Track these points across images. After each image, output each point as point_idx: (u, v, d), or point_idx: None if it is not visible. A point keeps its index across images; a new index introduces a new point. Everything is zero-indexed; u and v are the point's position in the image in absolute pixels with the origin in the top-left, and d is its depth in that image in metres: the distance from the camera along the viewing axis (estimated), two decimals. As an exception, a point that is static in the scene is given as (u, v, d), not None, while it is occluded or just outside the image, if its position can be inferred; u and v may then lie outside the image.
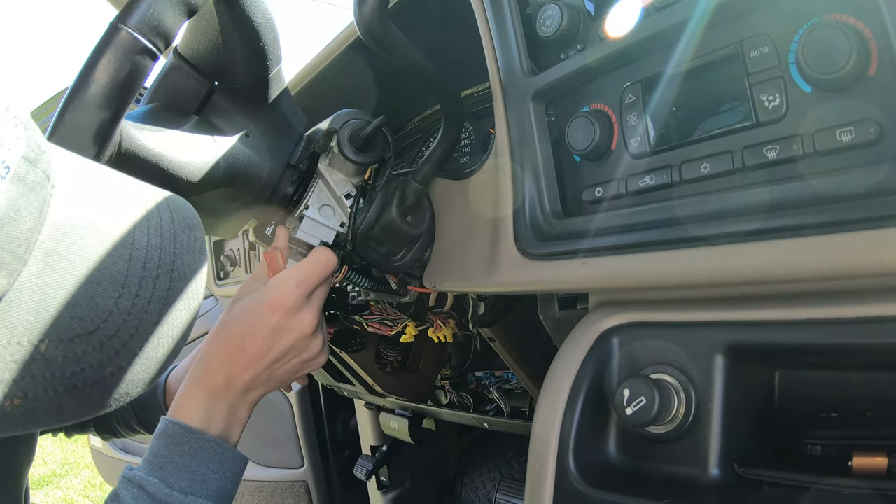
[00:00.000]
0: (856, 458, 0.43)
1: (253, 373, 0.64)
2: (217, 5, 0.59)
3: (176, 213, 0.41)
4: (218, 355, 0.65)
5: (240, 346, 0.64)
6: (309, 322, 0.66)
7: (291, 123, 0.73)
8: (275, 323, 0.64)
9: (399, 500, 1.45)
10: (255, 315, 0.64)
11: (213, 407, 0.63)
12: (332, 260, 0.68)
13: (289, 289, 0.65)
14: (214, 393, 0.63)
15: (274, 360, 0.65)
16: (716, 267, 0.45)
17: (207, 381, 0.64)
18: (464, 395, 1.10)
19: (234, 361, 0.64)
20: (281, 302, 0.64)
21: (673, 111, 0.51)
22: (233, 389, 0.64)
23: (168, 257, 0.37)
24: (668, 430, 0.48)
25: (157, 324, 0.36)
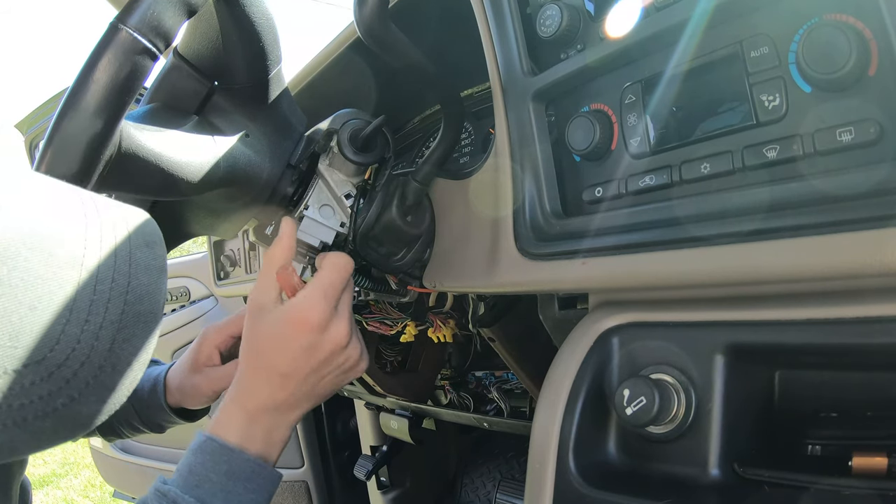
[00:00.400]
0: (856, 458, 0.43)
1: (290, 392, 0.63)
2: (217, 5, 0.59)
3: (132, 224, 0.38)
4: (253, 377, 0.64)
5: (273, 367, 0.63)
6: (343, 333, 0.64)
7: (291, 123, 0.73)
8: (308, 342, 0.62)
9: (399, 500, 1.45)
10: (284, 336, 0.63)
11: (252, 427, 0.62)
12: (350, 262, 0.66)
13: (316, 303, 0.62)
14: (253, 414, 0.62)
15: (312, 377, 0.64)
16: (716, 267, 0.45)
17: (246, 402, 0.63)
18: (464, 395, 1.11)
19: (269, 383, 0.63)
20: (310, 319, 0.62)
21: (673, 111, 0.51)
22: (271, 411, 0.63)
23: (122, 278, 0.35)
24: (668, 430, 0.48)
25: (109, 350, 0.34)
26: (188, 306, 1.93)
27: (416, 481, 1.48)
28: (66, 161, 0.46)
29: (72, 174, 0.47)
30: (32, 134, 1.10)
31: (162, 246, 0.41)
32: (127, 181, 0.56)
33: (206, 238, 1.50)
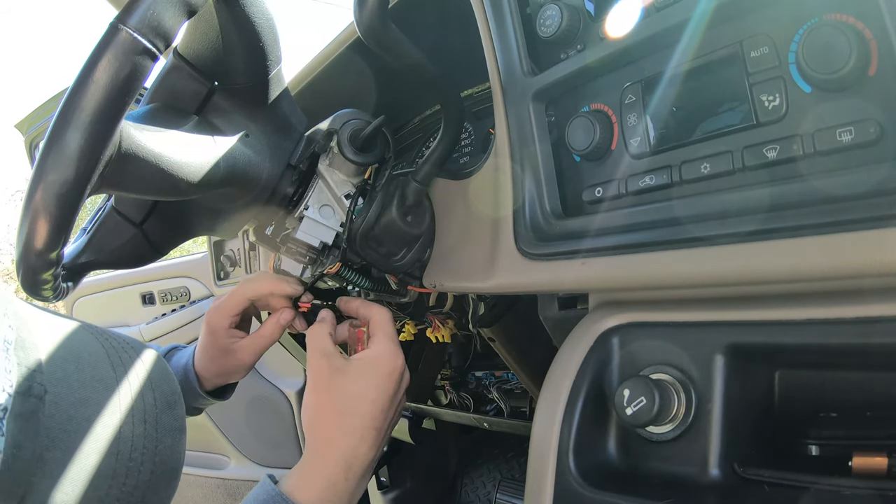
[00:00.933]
0: (856, 458, 0.43)
1: (378, 448, 0.63)
2: (217, 5, 0.59)
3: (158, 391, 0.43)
4: (339, 442, 0.62)
5: (370, 424, 0.62)
6: (408, 374, 0.68)
7: (291, 123, 0.73)
8: (395, 388, 0.65)
9: (399, 500, 1.45)
10: (378, 388, 0.63)
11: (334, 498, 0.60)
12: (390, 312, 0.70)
13: (399, 352, 0.66)
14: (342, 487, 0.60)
15: (394, 422, 0.66)
16: (716, 267, 0.45)
17: (329, 472, 0.61)
18: (464, 395, 1.11)
19: (363, 444, 0.62)
20: (399, 366, 0.65)
21: (673, 111, 0.51)
22: (359, 478, 0.62)
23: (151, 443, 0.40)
24: (668, 430, 0.48)
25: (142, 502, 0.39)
26: (188, 306, 1.93)
27: (416, 481, 1.48)
28: (66, 161, 0.46)
29: (72, 175, 0.47)
30: (32, 134, 1.10)
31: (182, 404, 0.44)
32: (127, 181, 0.56)
33: (206, 238, 1.50)
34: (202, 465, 1.90)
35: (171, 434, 0.42)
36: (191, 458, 1.94)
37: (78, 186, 0.47)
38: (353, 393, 0.63)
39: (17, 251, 0.50)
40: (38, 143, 1.10)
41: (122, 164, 0.53)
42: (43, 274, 0.51)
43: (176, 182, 0.58)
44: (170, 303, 2.01)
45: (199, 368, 0.82)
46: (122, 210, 0.70)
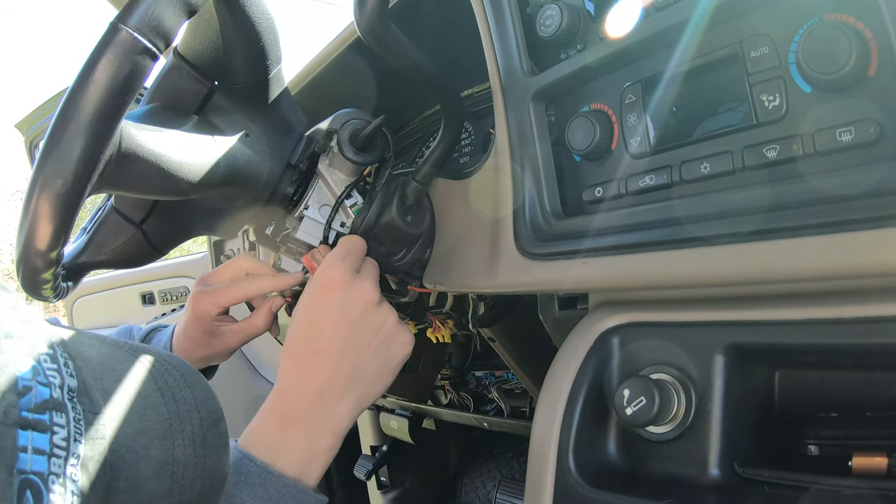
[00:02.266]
0: (856, 458, 0.43)
1: (329, 374, 0.57)
2: (217, 5, 0.59)
3: (203, 411, 0.44)
4: (289, 372, 0.58)
5: (309, 346, 0.58)
6: (370, 289, 0.60)
7: (291, 123, 0.73)
8: (336, 301, 0.58)
9: (399, 500, 1.45)
10: (313, 306, 0.59)
11: (288, 437, 0.56)
12: (362, 240, 0.65)
13: (335, 263, 0.60)
14: (289, 418, 0.56)
15: (352, 351, 0.58)
16: (716, 267, 0.45)
17: (280, 404, 0.57)
18: (464, 395, 1.11)
19: (304, 368, 0.57)
20: (333, 278, 0.59)
21: (673, 111, 0.51)
22: (310, 406, 0.56)
23: (200, 460, 0.43)
24: (668, 430, 0.48)
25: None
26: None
27: (416, 481, 1.47)
28: (66, 161, 0.46)
29: (72, 174, 0.47)
30: (32, 134, 1.10)
31: (224, 420, 0.46)
32: (127, 181, 0.56)
33: (206, 238, 1.50)
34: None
35: (217, 450, 0.44)
36: (191, 458, 1.93)
37: (78, 186, 0.47)
38: (297, 322, 0.60)
39: (17, 251, 0.50)
40: (38, 143, 1.10)
41: (122, 164, 0.53)
42: (43, 274, 0.51)
43: (176, 182, 0.58)
44: (170, 303, 2.01)
45: (178, 351, 0.81)
46: (122, 210, 0.70)
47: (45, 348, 0.37)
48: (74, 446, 0.35)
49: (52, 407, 0.34)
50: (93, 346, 0.42)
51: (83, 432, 0.36)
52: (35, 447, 0.32)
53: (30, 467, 0.32)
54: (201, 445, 0.43)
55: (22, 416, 0.32)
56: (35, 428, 0.33)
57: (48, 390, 0.35)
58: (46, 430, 0.33)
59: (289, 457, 0.55)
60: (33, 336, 0.37)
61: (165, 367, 0.45)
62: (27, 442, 0.32)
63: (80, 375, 0.38)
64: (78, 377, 0.38)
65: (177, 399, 0.44)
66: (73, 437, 0.35)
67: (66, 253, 0.58)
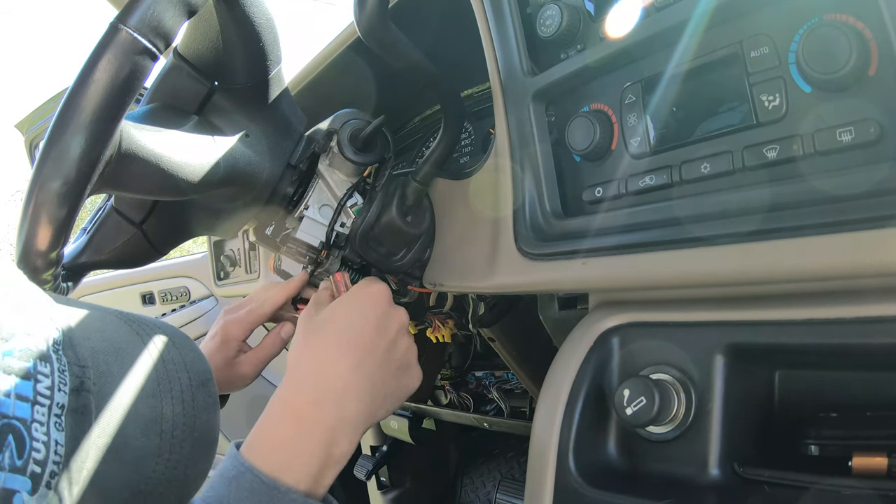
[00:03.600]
0: (856, 458, 0.43)
1: (353, 366, 0.54)
2: (217, 5, 0.59)
3: (192, 370, 0.44)
4: (307, 363, 0.55)
5: (343, 339, 0.55)
6: (405, 315, 0.61)
7: (291, 123, 0.73)
8: (380, 311, 0.58)
9: (399, 500, 1.45)
10: (356, 307, 0.58)
11: (304, 439, 0.51)
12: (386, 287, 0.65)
13: (380, 282, 0.63)
14: (307, 414, 0.52)
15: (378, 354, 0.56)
16: (716, 267, 0.45)
17: (296, 397, 0.53)
18: (464, 395, 1.11)
19: (335, 362, 0.54)
20: (381, 290, 0.61)
21: (673, 111, 0.51)
22: (330, 400, 0.53)
23: (189, 420, 0.42)
24: (668, 430, 0.48)
25: (184, 475, 0.42)
26: (188, 306, 1.93)
27: (416, 481, 1.47)
28: (66, 161, 0.46)
29: (72, 175, 0.47)
30: (32, 134, 1.10)
31: (213, 381, 0.45)
32: (127, 181, 0.56)
33: (206, 238, 1.50)
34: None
35: (206, 410, 0.44)
36: (191, 458, 1.93)
37: (78, 186, 0.47)
38: (327, 317, 0.58)
39: (18, 251, 0.50)
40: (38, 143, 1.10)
41: (122, 164, 0.53)
42: (43, 274, 0.51)
43: (176, 182, 0.58)
44: (170, 303, 2.01)
45: None
46: (122, 210, 0.70)
47: (31, 305, 0.37)
48: (59, 396, 0.34)
49: (37, 356, 0.34)
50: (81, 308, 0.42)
51: (67, 383, 0.35)
52: (18, 393, 0.32)
53: (12, 412, 0.31)
54: (190, 405, 0.43)
55: (5, 362, 0.32)
56: (19, 374, 0.33)
57: (32, 339, 0.34)
58: (30, 378, 0.33)
59: (302, 465, 0.51)
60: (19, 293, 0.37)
61: (153, 329, 0.45)
62: (10, 387, 0.32)
63: (66, 332, 0.38)
64: (64, 333, 0.38)
65: (164, 359, 0.44)
66: (58, 387, 0.35)
67: (66, 253, 0.58)
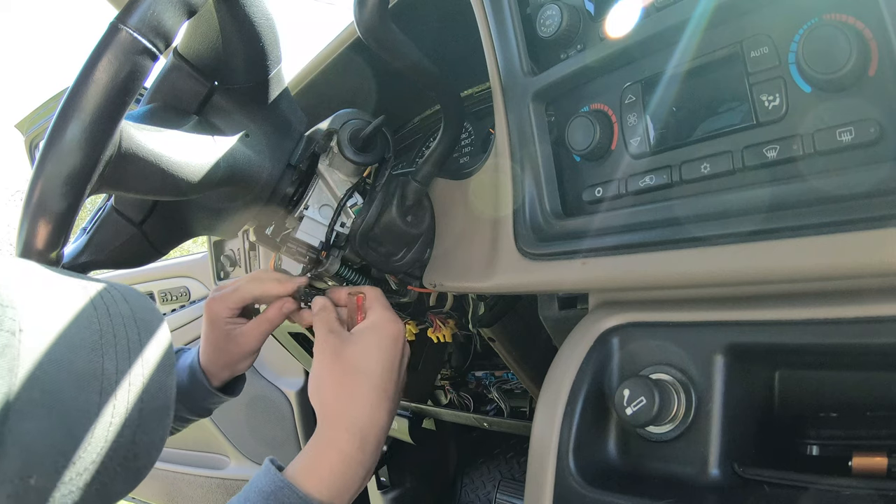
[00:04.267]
0: (856, 458, 0.43)
1: (391, 416, 0.62)
2: (217, 5, 0.59)
3: (143, 327, 0.42)
4: (351, 410, 0.60)
5: (381, 388, 0.62)
6: (407, 343, 0.67)
7: (291, 123, 0.73)
8: (399, 351, 0.65)
9: (399, 500, 1.45)
10: (383, 352, 0.63)
11: (348, 475, 0.57)
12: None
13: (395, 316, 0.66)
14: (357, 458, 0.58)
15: (397, 395, 0.64)
16: (716, 267, 0.45)
17: (343, 443, 0.58)
18: (464, 395, 1.11)
19: (377, 410, 0.60)
20: (400, 331, 0.65)
21: (673, 111, 0.51)
22: (374, 447, 0.60)
23: (137, 380, 0.40)
24: (667, 430, 0.48)
25: (132, 443, 0.39)
26: (188, 306, 1.93)
27: (416, 481, 1.48)
28: (66, 162, 0.46)
29: (72, 175, 0.47)
30: (32, 134, 1.11)
31: (169, 341, 0.44)
32: (127, 181, 0.56)
33: (206, 238, 1.50)
34: (202, 464, 1.90)
35: (159, 370, 0.41)
36: (190, 458, 1.94)
37: (78, 186, 0.47)
38: (360, 358, 0.62)
39: (17, 251, 0.50)
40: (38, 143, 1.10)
41: (122, 164, 0.53)
42: (43, 274, 0.51)
43: (176, 182, 0.58)
44: (170, 303, 2.01)
45: (204, 363, 0.81)
46: (122, 210, 0.70)
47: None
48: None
49: None
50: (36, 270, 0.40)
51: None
52: None
53: None
54: (139, 363, 0.40)
55: None
56: None
57: None
58: None
59: (341, 491, 0.57)
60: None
61: (106, 288, 0.43)
62: None
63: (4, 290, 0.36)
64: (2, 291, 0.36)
65: (111, 313, 0.41)
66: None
67: (66, 253, 0.58)
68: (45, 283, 0.40)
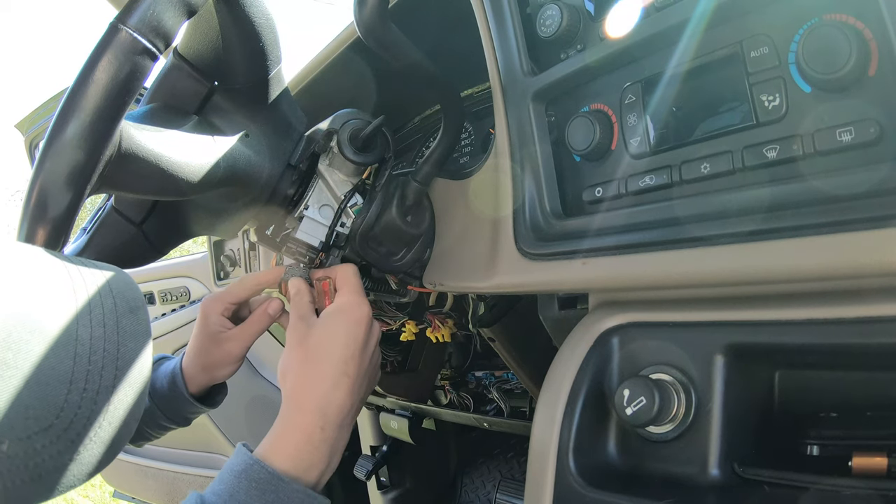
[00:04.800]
0: (856, 458, 0.43)
1: (354, 397, 0.63)
2: (217, 5, 0.59)
3: (119, 296, 0.42)
4: (313, 391, 0.62)
5: (341, 370, 0.63)
6: (378, 329, 0.68)
7: (291, 123, 0.73)
8: (364, 335, 0.65)
9: (399, 500, 1.45)
10: (347, 334, 0.64)
11: (310, 450, 0.59)
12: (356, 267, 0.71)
13: (364, 300, 0.66)
14: (319, 437, 0.60)
15: (366, 377, 0.65)
16: (716, 267, 0.45)
17: (305, 423, 0.60)
18: (464, 395, 1.11)
19: (336, 390, 0.62)
20: (366, 314, 0.66)
21: (673, 111, 0.51)
22: (336, 427, 0.61)
23: (112, 346, 0.39)
24: (668, 430, 0.48)
25: (106, 411, 0.38)
26: (188, 306, 1.93)
27: (416, 481, 1.47)
28: (66, 161, 0.46)
29: (72, 175, 0.47)
30: (32, 134, 1.11)
31: (145, 310, 0.43)
32: (127, 181, 0.56)
33: (206, 238, 1.50)
34: (202, 464, 1.89)
35: (135, 338, 0.41)
36: (191, 458, 1.93)
37: (78, 186, 0.47)
38: (322, 342, 0.64)
39: (17, 251, 0.49)
40: (38, 143, 1.10)
41: (122, 164, 0.53)
42: (43, 274, 0.51)
43: (176, 182, 0.58)
44: (170, 303, 2.01)
45: (186, 365, 0.82)
46: (122, 210, 0.70)
47: None
48: None
49: None
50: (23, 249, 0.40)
51: None
52: None
53: None
54: (114, 330, 0.40)
55: None
56: None
57: None
58: None
59: (308, 469, 0.59)
60: None
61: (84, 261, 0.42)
62: None
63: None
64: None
65: (87, 281, 0.41)
66: None
67: (65, 253, 0.58)
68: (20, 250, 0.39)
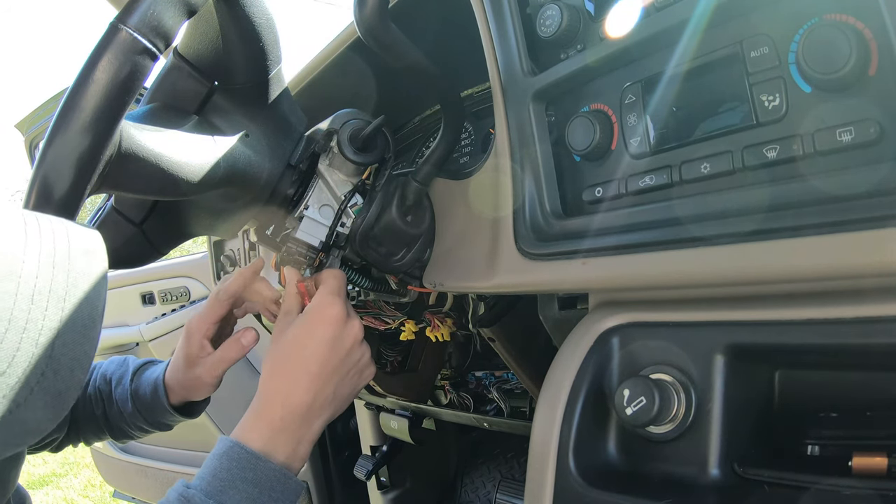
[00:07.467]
0: (856, 458, 0.43)
1: (317, 393, 0.64)
2: (217, 5, 0.59)
3: (74, 240, 0.40)
4: (277, 386, 0.64)
5: (302, 367, 0.64)
6: (359, 327, 0.68)
7: (291, 123, 0.73)
8: (332, 335, 0.66)
9: (399, 500, 1.45)
10: (311, 334, 0.65)
11: (278, 436, 0.62)
12: (342, 273, 0.72)
13: (333, 300, 0.67)
14: (280, 423, 0.63)
15: (335, 376, 0.66)
16: (716, 267, 0.45)
17: (272, 410, 0.63)
18: (464, 395, 1.11)
19: (296, 386, 0.64)
20: (334, 314, 0.66)
21: (673, 111, 0.51)
22: (298, 418, 0.63)
23: (59, 287, 0.37)
24: (668, 430, 0.48)
25: (49, 356, 0.36)
26: (188, 306, 1.93)
27: (416, 481, 1.48)
28: (66, 161, 0.46)
29: (72, 175, 0.47)
30: (32, 134, 1.10)
31: (102, 254, 0.42)
32: (127, 181, 0.56)
33: (206, 238, 1.50)
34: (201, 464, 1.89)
35: (87, 279, 0.39)
36: (190, 458, 1.94)
37: (78, 186, 0.47)
38: (291, 339, 0.66)
39: (17, 251, 0.49)
40: (38, 143, 1.10)
41: (122, 164, 0.53)
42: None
43: (176, 182, 0.58)
44: (170, 303, 2.01)
45: (168, 377, 0.84)
46: (122, 210, 0.70)
47: None
48: None
49: None
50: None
51: None
52: None
53: None
54: (63, 271, 0.38)
55: None
56: None
57: None
58: None
59: (278, 452, 0.62)
60: None
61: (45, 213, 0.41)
62: None
63: None
64: None
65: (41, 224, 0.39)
66: None
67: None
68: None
